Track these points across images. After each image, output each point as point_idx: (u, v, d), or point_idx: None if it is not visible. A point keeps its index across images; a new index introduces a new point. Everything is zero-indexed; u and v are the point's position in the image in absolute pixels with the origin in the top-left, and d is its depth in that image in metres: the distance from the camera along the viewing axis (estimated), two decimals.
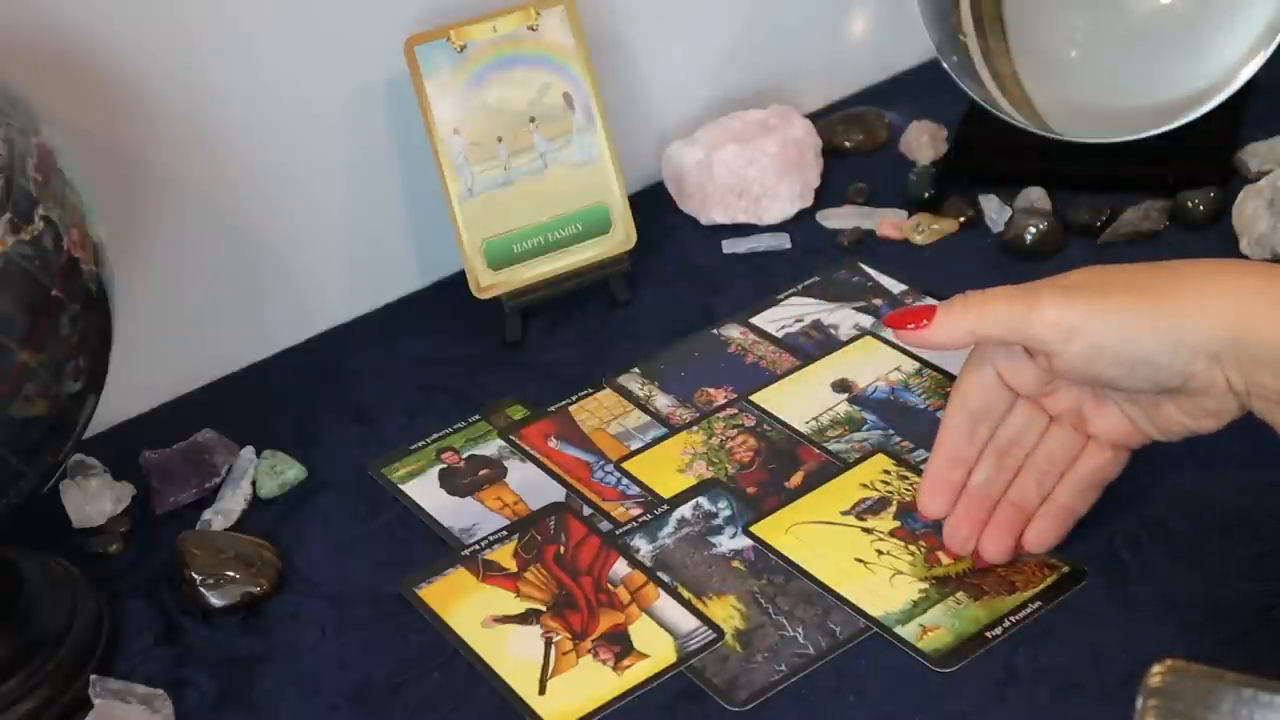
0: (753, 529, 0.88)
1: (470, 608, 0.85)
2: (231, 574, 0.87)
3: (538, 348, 1.06)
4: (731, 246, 1.13)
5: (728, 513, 0.90)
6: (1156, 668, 0.58)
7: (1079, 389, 0.79)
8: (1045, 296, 0.75)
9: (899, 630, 0.80)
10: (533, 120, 1.05)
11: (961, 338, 0.78)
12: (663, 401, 0.99)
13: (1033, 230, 1.06)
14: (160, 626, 0.87)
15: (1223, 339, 0.72)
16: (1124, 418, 0.79)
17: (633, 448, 0.96)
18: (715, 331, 1.05)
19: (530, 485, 0.94)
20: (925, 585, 0.83)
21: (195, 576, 0.87)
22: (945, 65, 1.13)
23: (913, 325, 0.79)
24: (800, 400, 0.97)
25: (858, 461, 0.92)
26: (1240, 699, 0.56)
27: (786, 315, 1.05)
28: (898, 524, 0.87)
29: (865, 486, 0.90)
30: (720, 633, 0.82)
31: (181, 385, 1.05)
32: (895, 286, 1.06)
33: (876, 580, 0.84)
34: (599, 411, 0.99)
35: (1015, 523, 0.82)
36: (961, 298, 0.78)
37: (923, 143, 1.19)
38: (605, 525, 0.90)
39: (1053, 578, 0.82)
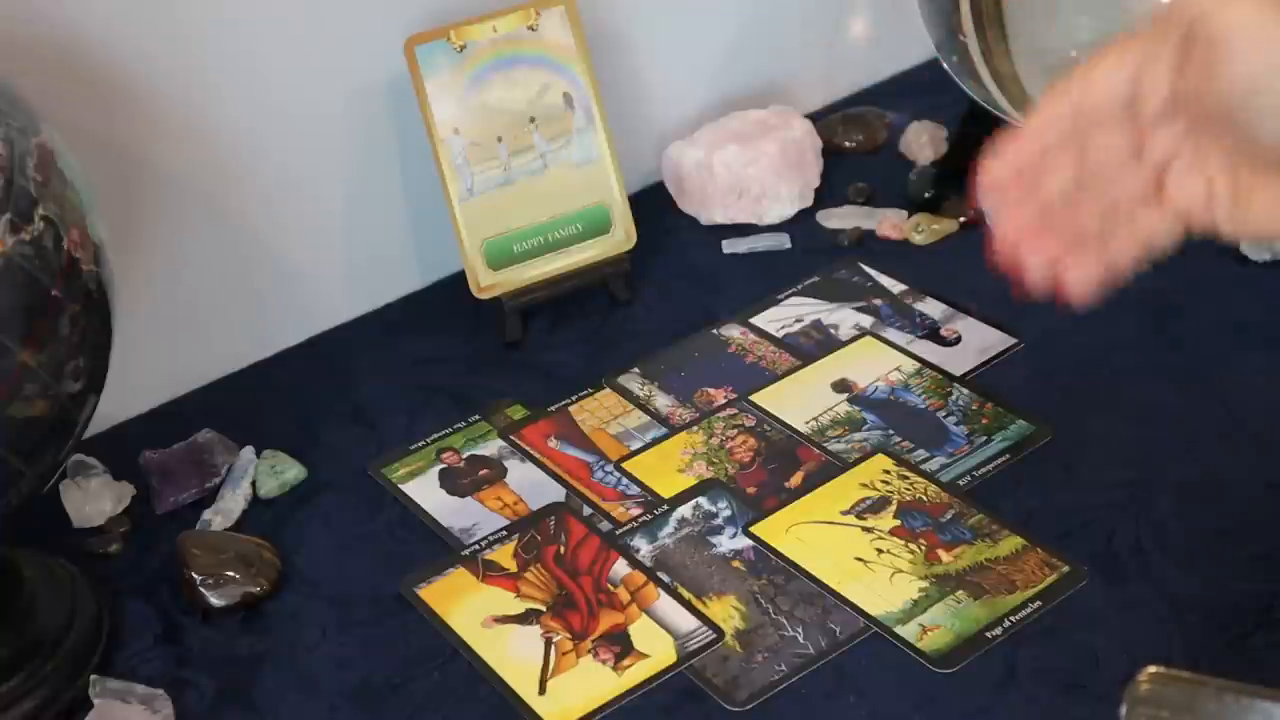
0: (753, 529, 0.88)
1: (470, 608, 0.85)
2: (231, 574, 0.87)
3: (538, 348, 1.06)
4: (731, 246, 1.13)
5: (728, 513, 0.90)
6: (1142, 675, 0.58)
7: (1184, 134, 0.71)
8: None
9: (899, 630, 0.80)
10: (533, 120, 1.05)
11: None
12: (663, 401, 0.99)
13: None
14: (160, 626, 0.87)
15: None
16: (1208, 188, 0.71)
17: (633, 448, 0.96)
18: (715, 331, 1.05)
19: (530, 485, 0.94)
20: (925, 583, 0.83)
21: (195, 576, 0.87)
22: (945, 65, 1.13)
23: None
24: (800, 400, 0.97)
25: (858, 461, 0.92)
26: (1223, 705, 0.57)
27: (786, 315, 1.05)
28: (898, 523, 0.87)
29: (865, 486, 0.90)
30: (720, 633, 0.82)
31: (181, 385, 1.05)
32: (895, 286, 1.06)
33: (876, 579, 0.84)
34: (599, 411, 0.99)
35: (1065, 250, 0.74)
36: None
37: (923, 143, 1.19)
38: (605, 525, 0.90)
39: (1053, 578, 0.82)
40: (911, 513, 0.87)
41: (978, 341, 1.01)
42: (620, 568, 0.87)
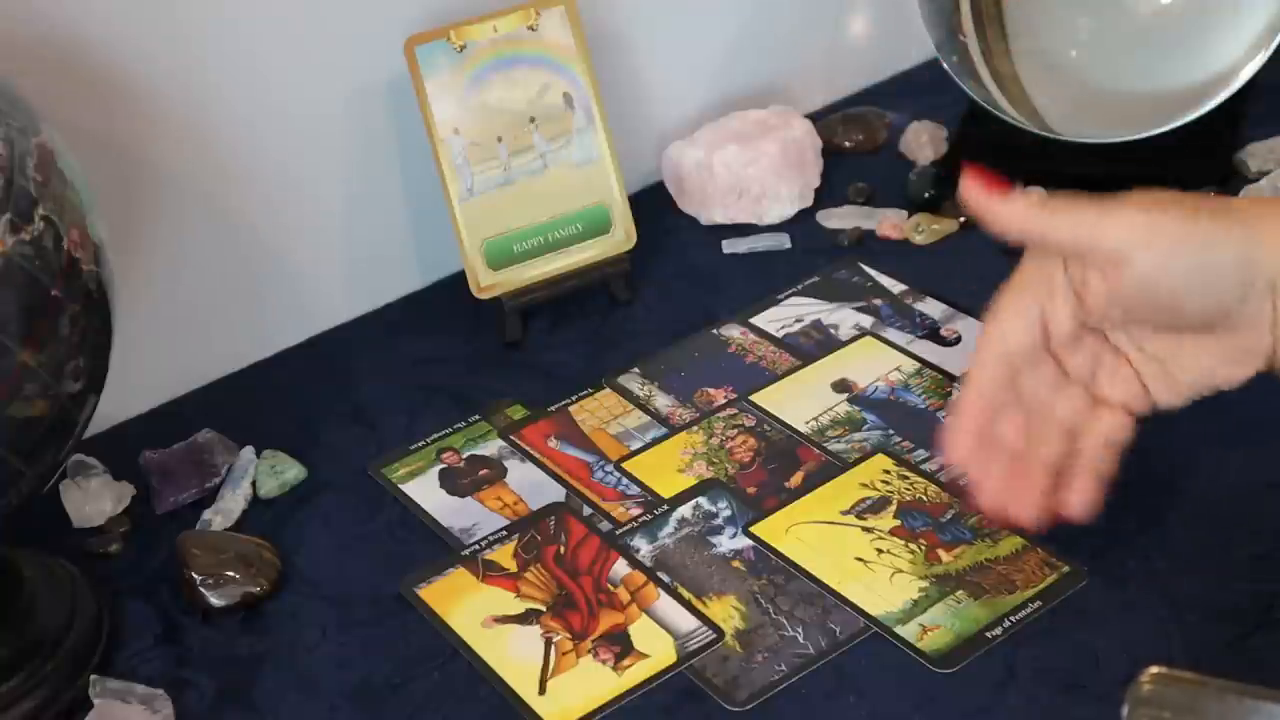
0: (753, 529, 0.88)
1: (470, 608, 0.85)
2: (231, 574, 0.87)
3: (538, 348, 1.06)
4: (731, 246, 1.13)
5: (728, 513, 0.90)
6: (1144, 676, 0.58)
7: (1096, 346, 0.78)
8: (1123, 202, 0.73)
9: (899, 630, 0.80)
10: (533, 120, 1.05)
11: (1030, 224, 0.76)
12: (663, 401, 0.99)
13: None
14: (160, 626, 0.87)
15: None
16: (1136, 379, 0.78)
17: (633, 448, 0.96)
18: (715, 331, 1.05)
19: (530, 485, 0.94)
20: (925, 583, 0.83)
21: (195, 576, 0.87)
22: (945, 65, 1.13)
23: (989, 190, 0.77)
24: (800, 400, 0.97)
25: (858, 461, 0.92)
26: (1225, 705, 0.57)
27: (786, 315, 1.05)
28: (898, 523, 0.87)
29: (865, 486, 0.90)
30: (720, 633, 0.82)
31: (181, 385, 1.05)
32: (895, 286, 1.06)
33: (876, 579, 0.84)
34: (599, 411, 0.99)
35: (1047, 484, 0.79)
36: (1036, 195, 0.76)
37: (923, 143, 1.19)
38: (605, 525, 0.90)
39: (1053, 578, 0.82)
40: (911, 513, 0.87)
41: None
42: (620, 568, 0.87)
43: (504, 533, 0.90)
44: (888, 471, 0.91)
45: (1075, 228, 0.75)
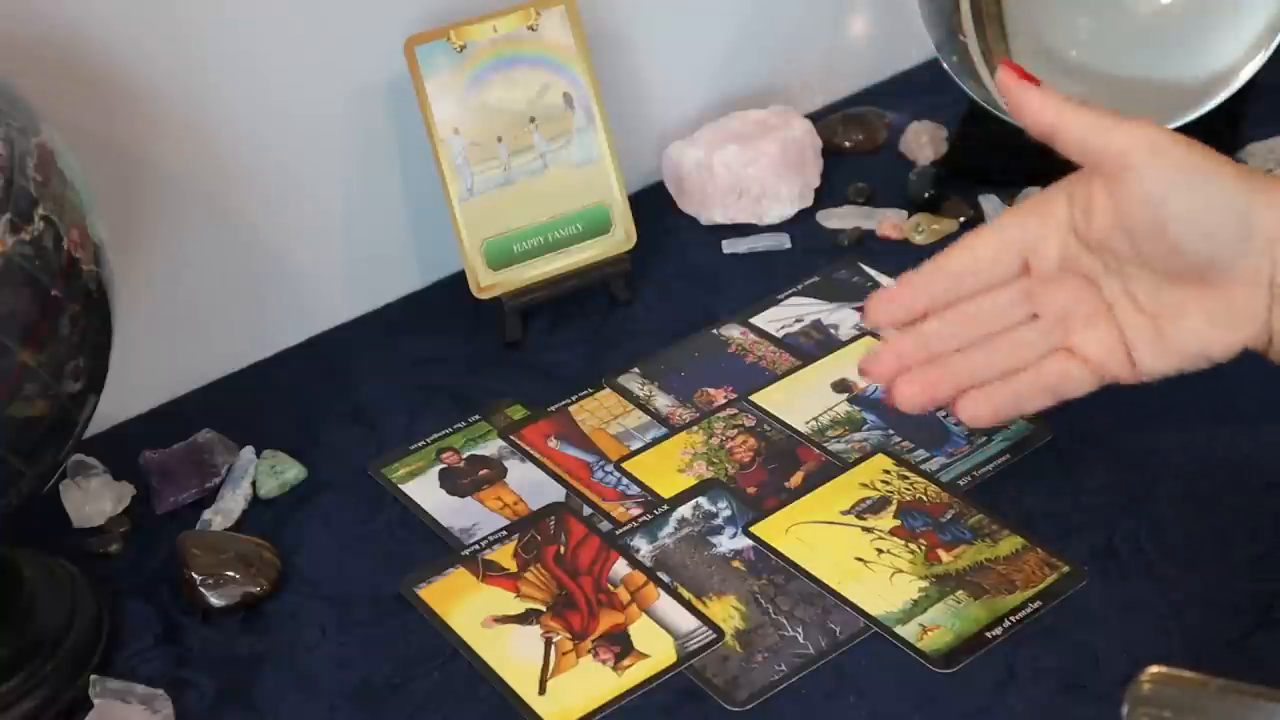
0: (753, 529, 0.88)
1: (470, 608, 0.85)
2: (231, 574, 0.87)
3: (538, 348, 1.06)
4: (731, 246, 1.13)
5: (728, 513, 0.90)
6: (1144, 675, 0.58)
7: (1081, 291, 0.77)
8: (1139, 118, 0.74)
9: (899, 630, 0.80)
10: (533, 120, 1.05)
11: (1050, 115, 0.76)
12: (663, 401, 0.99)
13: None
14: (160, 626, 0.87)
15: None
16: (1119, 337, 0.77)
17: (633, 448, 0.96)
18: (715, 331, 1.05)
19: (530, 485, 0.94)
20: (925, 583, 0.83)
21: (195, 576, 0.87)
22: (945, 65, 1.13)
23: (1021, 79, 0.77)
24: (800, 400, 0.97)
25: (858, 461, 0.92)
26: (1226, 705, 0.57)
27: (786, 315, 1.05)
28: (898, 523, 0.87)
29: (865, 486, 0.90)
30: (720, 633, 0.82)
31: (181, 385, 1.05)
32: None
33: (876, 579, 0.84)
34: (599, 411, 0.99)
35: (946, 382, 0.79)
36: (1066, 94, 0.77)
37: (923, 143, 1.19)
38: (605, 525, 0.90)
39: (1053, 578, 0.82)
40: (911, 513, 0.87)
41: None
42: (620, 568, 0.87)
43: (504, 533, 0.90)
44: (888, 471, 0.91)
45: (1091, 125, 0.75)
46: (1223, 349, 0.76)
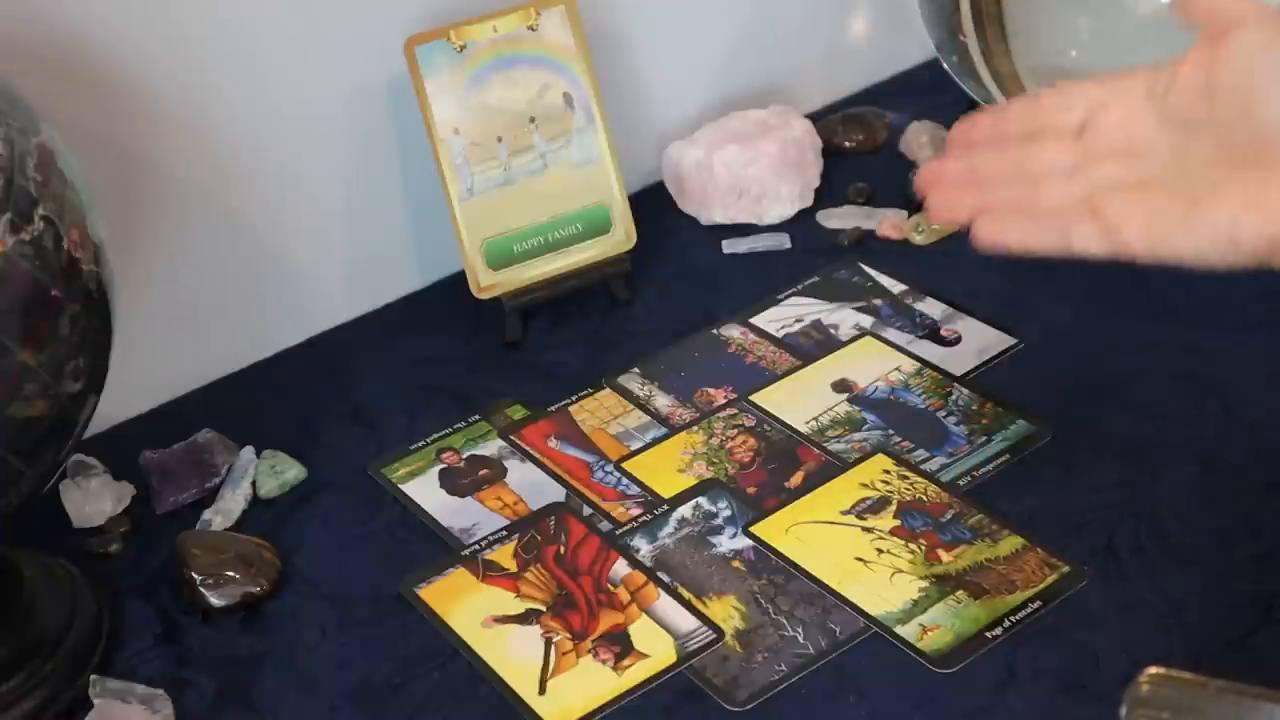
0: (753, 529, 0.88)
1: (470, 608, 0.85)
2: (231, 574, 0.87)
3: (538, 348, 1.06)
4: (731, 246, 1.13)
5: (728, 513, 0.90)
6: (1143, 676, 0.58)
7: (1128, 160, 0.76)
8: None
9: (899, 630, 0.80)
10: (533, 120, 1.05)
11: None
12: (663, 401, 0.99)
13: None
14: (160, 626, 0.87)
15: None
16: (1148, 209, 0.75)
17: (633, 448, 0.96)
18: (715, 331, 1.05)
19: (530, 485, 0.94)
20: (925, 583, 0.83)
21: (195, 576, 0.87)
22: (945, 65, 1.13)
23: None
24: (800, 400, 0.97)
25: (858, 461, 0.92)
26: (1224, 706, 0.57)
27: (786, 315, 1.05)
28: (898, 523, 0.87)
29: (865, 486, 0.90)
30: (720, 633, 0.82)
31: (181, 385, 1.05)
32: (895, 286, 1.06)
33: (876, 579, 0.84)
34: (599, 411, 0.99)
35: (972, 200, 0.78)
36: None
37: (923, 143, 1.19)
38: (605, 525, 0.90)
39: (1053, 578, 0.82)
40: (911, 513, 0.87)
41: (978, 341, 1.01)
42: (620, 568, 0.87)
43: (504, 533, 0.90)
44: (888, 471, 0.91)
45: None
46: (1252, 236, 0.74)
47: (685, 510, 0.90)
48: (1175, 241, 0.76)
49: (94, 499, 0.94)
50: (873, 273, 1.08)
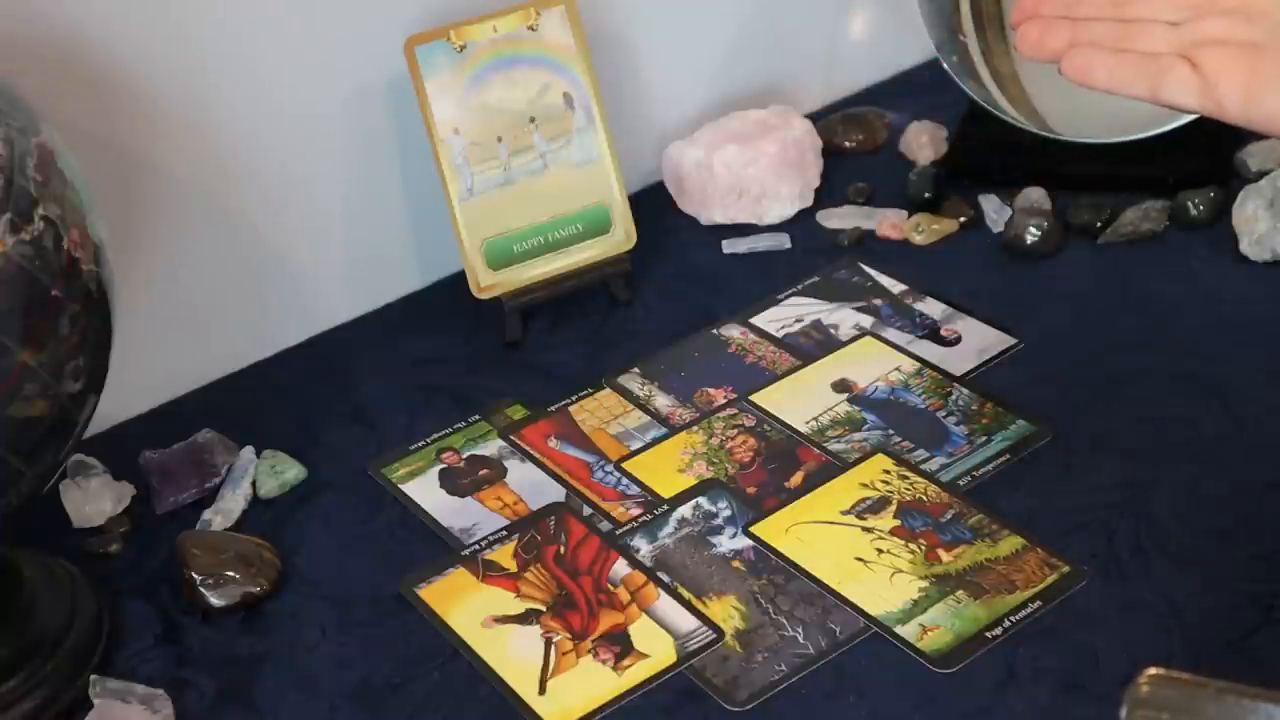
0: (753, 529, 0.88)
1: (470, 608, 0.85)
2: (231, 574, 0.87)
3: (538, 348, 1.06)
4: (731, 246, 1.13)
5: (728, 513, 0.90)
6: (1142, 677, 0.58)
7: (1238, 22, 0.75)
8: None
9: (899, 630, 0.80)
10: (533, 120, 1.05)
11: None
12: (663, 401, 0.99)
13: (1033, 230, 1.06)
14: (160, 626, 0.87)
15: None
16: (1247, 69, 0.74)
17: (633, 448, 0.96)
18: (715, 331, 1.05)
19: (530, 485, 0.94)
20: (925, 583, 0.83)
21: (195, 576, 0.87)
22: (945, 65, 1.13)
23: None
24: (800, 400, 0.97)
25: (858, 461, 0.92)
26: (1224, 706, 0.56)
27: (786, 315, 1.05)
28: (898, 523, 0.87)
29: (865, 486, 0.90)
30: (720, 633, 0.82)
31: (181, 385, 1.05)
32: (895, 286, 1.06)
33: (876, 579, 0.84)
34: (599, 411, 0.99)
35: (1066, 35, 0.77)
36: None
37: (923, 143, 1.19)
38: (605, 525, 0.90)
39: (1053, 578, 0.82)
40: (911, 513, 0.87)
41: (978, 341, 1.01)
42: (620, 568, 0.87)
43: (504, 533, 0.90)
44: (888, 471, 0.91)
45: None
46: None
47: (685, 510, 0.90)
48: (1271, 105, 0.74)
49: (94, 499, 0.94)
50: (873, 273, 1.08)
